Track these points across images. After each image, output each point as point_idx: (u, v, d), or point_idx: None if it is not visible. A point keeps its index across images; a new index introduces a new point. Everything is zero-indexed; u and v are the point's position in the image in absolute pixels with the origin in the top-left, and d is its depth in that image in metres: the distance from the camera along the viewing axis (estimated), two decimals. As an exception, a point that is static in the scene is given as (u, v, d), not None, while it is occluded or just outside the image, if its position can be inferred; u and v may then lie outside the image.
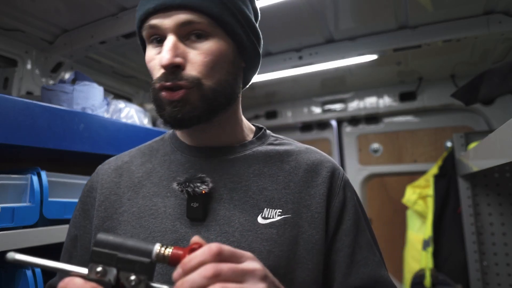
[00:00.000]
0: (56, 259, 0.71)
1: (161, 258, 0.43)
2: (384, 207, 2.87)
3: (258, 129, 0.76)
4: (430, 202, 2.27)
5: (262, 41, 0.70)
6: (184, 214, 0.62)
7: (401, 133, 2.90)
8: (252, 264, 0.44)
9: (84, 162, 1.59)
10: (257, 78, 2.28)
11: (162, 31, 0.59)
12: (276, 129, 2.19)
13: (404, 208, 2.53)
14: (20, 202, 1.03)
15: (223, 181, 0.64)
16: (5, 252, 0.92)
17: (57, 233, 1.08)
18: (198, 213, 0.61)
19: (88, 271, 0.43)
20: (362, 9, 1.69)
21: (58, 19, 1.60)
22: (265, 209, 0.62)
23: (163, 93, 0.59)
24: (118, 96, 2.26)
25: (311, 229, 0.62)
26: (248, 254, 0.45)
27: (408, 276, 2.28)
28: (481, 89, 1.11)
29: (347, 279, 0.63)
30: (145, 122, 1.67)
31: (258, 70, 0.73)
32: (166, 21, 0.58)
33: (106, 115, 1.44)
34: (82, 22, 1.65)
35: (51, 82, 1.82)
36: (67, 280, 0.43)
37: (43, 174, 1.09)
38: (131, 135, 1.44)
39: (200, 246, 0.44)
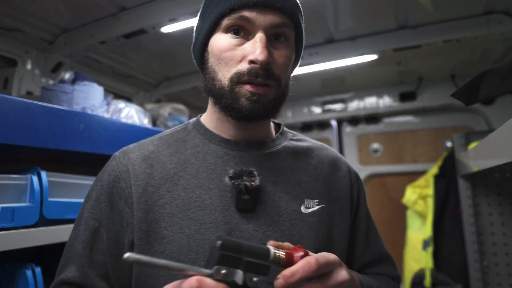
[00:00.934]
0: (57, 259, 0.71)
1: (276, 260, 0.49)
2: (384, 207, 2.87)
3: (276, 124, 0.81)
4: (430, 202, 2.27)
5: None
6: (231, 205, 0.65)
7: (401, 133, 2.90)
8: (340, 274, 0.52)
9: (84, 162, 1.59)
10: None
11: (252, 26, 0.62)
12: (276, 129, 2.18)
13: (404, 208, 2.53)
14: (20, 202, 1.03)
15: (264, 174, 0.68)
16: (5, 252, 0.92)
17: (57, 233, 1.08)
18: (248, 204, 0.64)
19: (214, 272, 0.45)
20: (362, 9, 1.69)
21: (58, 19, 1.60)
22: (305, 200, 0.69)
23: (247, 86, 0.62)
24: (118, 96, 2.26)
25: (340, 217, 0.72)
26: (335, 261, 0.53)
27: (408, 276, 2.29)
28: (481, 89, 1.11)
29: (363, 256, 0.76)
30: (145, 122, 1.67)
31: None
32: (261, 18, 0.62)
33: (106, 115, 1.44)
34: (82, 22, 1.65)
35: (51, 82, 1.82)
36: (199, 279, 0.45)
37: (43, 174, 1.09)
38: (131, 135, 1.44)
39: (305, 252, 0.51)
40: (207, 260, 0.48)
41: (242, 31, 0.63)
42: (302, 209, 0.68)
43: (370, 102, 2.83)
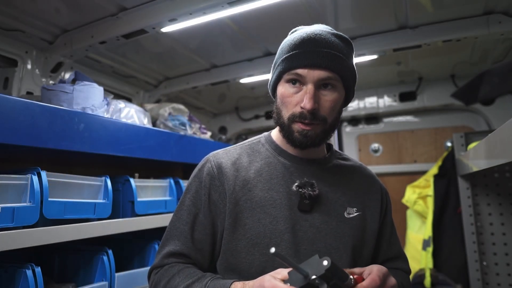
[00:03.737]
0: (58, 259, 0.71)
1: (350, 284, 0.67)
2: (384, 207, 2.87)
3: (327, 144, 1.00)
4: (430, 202, 2.27)
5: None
6: (295, 206, 0.86)
7: (401, 133, 2.90)
8: (391, 280, 0.76)
9: (84, 162, 1.59)
10: (257, 78, 2.28)
11: (305, 80, 0.82)
12: (276, 129, 2.18)
13: (404, 208, 2.53)
14: (20, 202, 1.03)
15: (320, 185, 0.89)
16: (5, 252, 0.92)
17: (57, 233, 1.09)
18: (307, 206, 0.86)
19: (312, 279, 0.62)
20: (362, 9, 1.69)
21: (58, 19, 1.60)
22: (348, 207, 0.91)
23: (299, 124, 0.83)
24: (118, 96, 2.26)
25: (372, 222, 0.92)
26: (386, 272, 0.75)
27: (408, 276, 2.28)
28: (481, 89, 1.11)
29: (387, 253, 0.98)
30: (145, 122, 1.67)
31: None
32: (310, 74, 0.81)
33: (106, 115, 1.44)
34: (82, 22, 1.65)
35: (51, 82, 1.82)
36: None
37: (43, 174, 1.09)
38: (131, 135, 1.44)
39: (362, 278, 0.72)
40: (305, 262, 0.64)
41: (298, 82, 0.83)
42: (345, 214, 0.89)
43: (370, 102, 2.83)
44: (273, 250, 0.59)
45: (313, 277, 0.61)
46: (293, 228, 0.84)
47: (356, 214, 0.90)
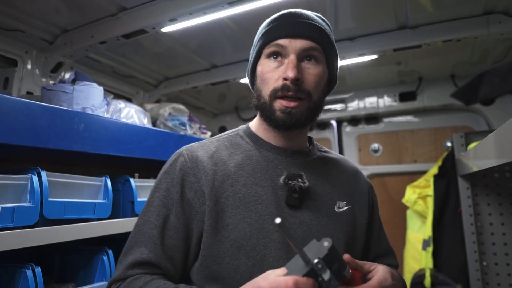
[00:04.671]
0: (58, 258, 0.71)
1: (348, 275, 0.63)
2: (384, 207, 2.87)
3: (308, 137, 0.95)
4: (430, 202, 2.27)
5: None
6: (282, 201, 0.78)
7: (401, 133, 2.90)
8: None
9: (84, 162, 1.59)
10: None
11: (286, 51, 0.77)
12: (276, 129, 2.18)
13: (404, 208, 2.53)
14: (20, 202, 1.04)
15: (307, 178, 0.81)
16: (5, 252, 0.92)
17: (57, 233, 1.09)
18: (297, 201, 0.78)
19: (315, 263, 0.56)
20: (362, 9, 1.69)
21: (58, 19, 1.60)
22: (337, 201, 0.84)
23: (281, 101, 0.76)
24: (118, 96, 2.26)
25: (361, 217, 0.87)
26: (390, 285, 0.67)
27: (408, 276, 2.28)
28: (481, 89, 1.11)
29: (376, 248, 0.93)
30: (145, 122, 1.67)
31: None
32: (292, 44, 0.77)
33: (106, 115, 1.44)
34: (82, 22, 1.64)
35: (51, 82, 1.82)
36: (296, 281, 0.54)
37: (43, 174, 1.09)
38: (131, 135, 1.44)
39: (361, 274, 0.67)
40: (306, 247, 0.58)
41: (279, 56, 0.79)
42: (335, 208, 0.83)
43: (370, 102, 2.83)
44: (278, 220, 0.53)
45: (316, 260, 0.56)
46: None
47: (346, 208, 0.84)
